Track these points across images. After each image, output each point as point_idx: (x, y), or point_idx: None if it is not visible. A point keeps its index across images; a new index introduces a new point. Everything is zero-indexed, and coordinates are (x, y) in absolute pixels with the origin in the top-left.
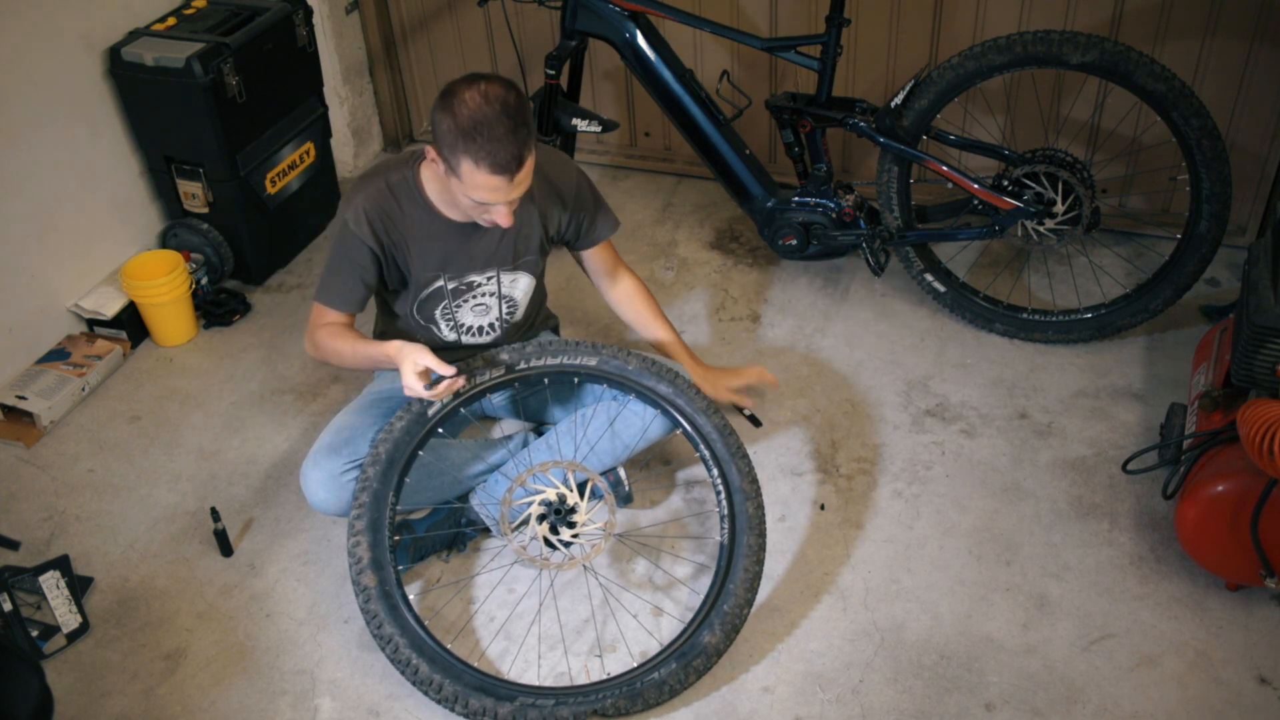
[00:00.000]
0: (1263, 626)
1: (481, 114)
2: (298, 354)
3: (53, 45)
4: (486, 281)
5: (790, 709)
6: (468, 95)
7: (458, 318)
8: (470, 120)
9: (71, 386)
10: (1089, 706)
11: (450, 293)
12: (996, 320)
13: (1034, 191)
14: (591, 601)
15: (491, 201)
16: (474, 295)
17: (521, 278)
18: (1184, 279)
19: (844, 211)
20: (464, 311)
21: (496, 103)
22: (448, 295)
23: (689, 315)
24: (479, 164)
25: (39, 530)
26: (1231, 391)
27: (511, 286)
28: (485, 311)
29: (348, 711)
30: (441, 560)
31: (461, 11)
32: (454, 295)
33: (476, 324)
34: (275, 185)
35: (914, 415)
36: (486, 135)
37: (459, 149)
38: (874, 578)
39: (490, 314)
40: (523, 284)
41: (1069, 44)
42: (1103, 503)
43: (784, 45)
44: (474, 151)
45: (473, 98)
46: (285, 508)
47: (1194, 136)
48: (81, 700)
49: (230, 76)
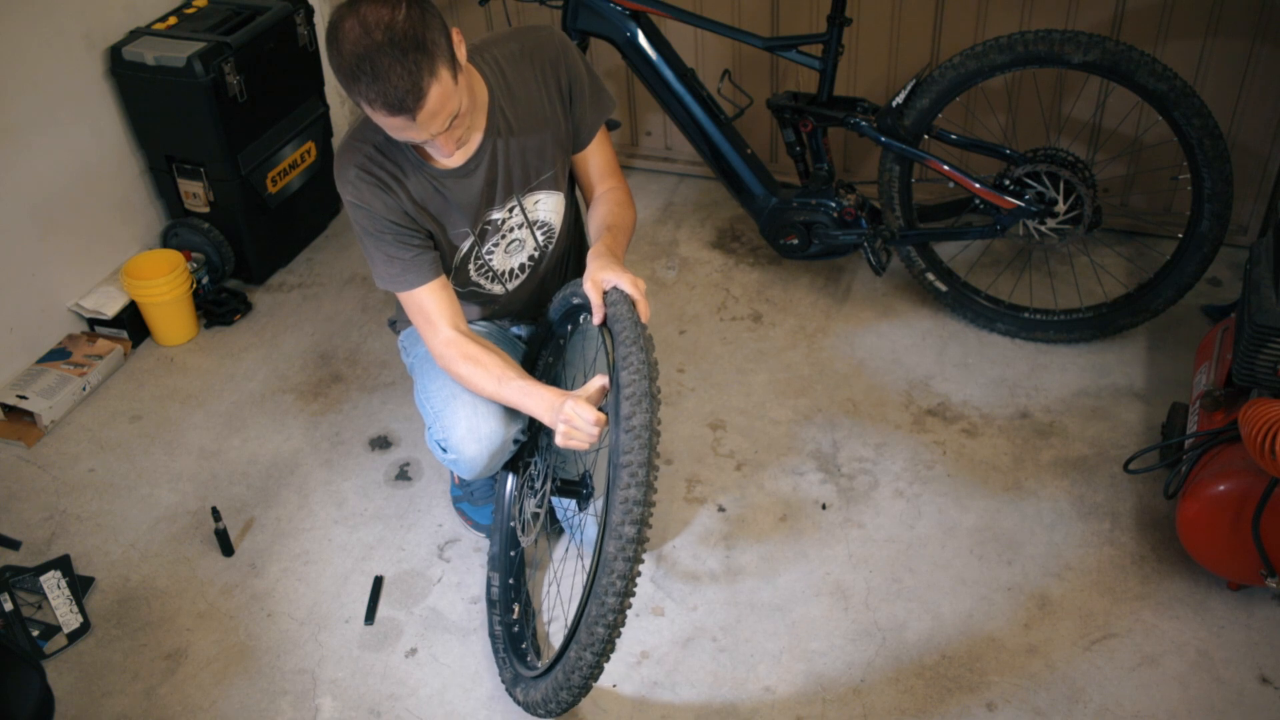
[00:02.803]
0: (1264, 626)
1: (362, 47)
2: (299, 353)
3: (53, 45)
4: (509, 215)
5: (791, 709)
6: (347, 26)
7: (492, 266)
8: (352, 56)
9: (72, 386)
10: (1090, 706)
11: (479, 238)
12: (998, 319)
13: (1035, 191)
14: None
15: (413, 140)
16: (502, 235)
17: (545, 197)
18: (1185, 278)
19: (845, 211)
20: (497, 256)
21: (379, 29)
22: (475, 246)
23: (690, 314)
24: (373, 106)
25: (40, 530)
26: (1233, 391)
27: (536, 209)
28: (520, 247)
29: (348, 711)
30: (443, 560)
31: (462, 11)
32: (482, 241)
33: (515, 265)
34: (276, 185)
35: (915, 415)
36: (370, 73)
37: (350, 91)
38: (875, 577)
39: (526, 248)
40: (548, 203)
41: (1070, 43)
42: (1104, 502)
43: (785, 44)
44: (363, 93)
45: (352, 29)
46: (286, 507)
47: (1195, 136)
48: (82, 700)
49: (231, 76)
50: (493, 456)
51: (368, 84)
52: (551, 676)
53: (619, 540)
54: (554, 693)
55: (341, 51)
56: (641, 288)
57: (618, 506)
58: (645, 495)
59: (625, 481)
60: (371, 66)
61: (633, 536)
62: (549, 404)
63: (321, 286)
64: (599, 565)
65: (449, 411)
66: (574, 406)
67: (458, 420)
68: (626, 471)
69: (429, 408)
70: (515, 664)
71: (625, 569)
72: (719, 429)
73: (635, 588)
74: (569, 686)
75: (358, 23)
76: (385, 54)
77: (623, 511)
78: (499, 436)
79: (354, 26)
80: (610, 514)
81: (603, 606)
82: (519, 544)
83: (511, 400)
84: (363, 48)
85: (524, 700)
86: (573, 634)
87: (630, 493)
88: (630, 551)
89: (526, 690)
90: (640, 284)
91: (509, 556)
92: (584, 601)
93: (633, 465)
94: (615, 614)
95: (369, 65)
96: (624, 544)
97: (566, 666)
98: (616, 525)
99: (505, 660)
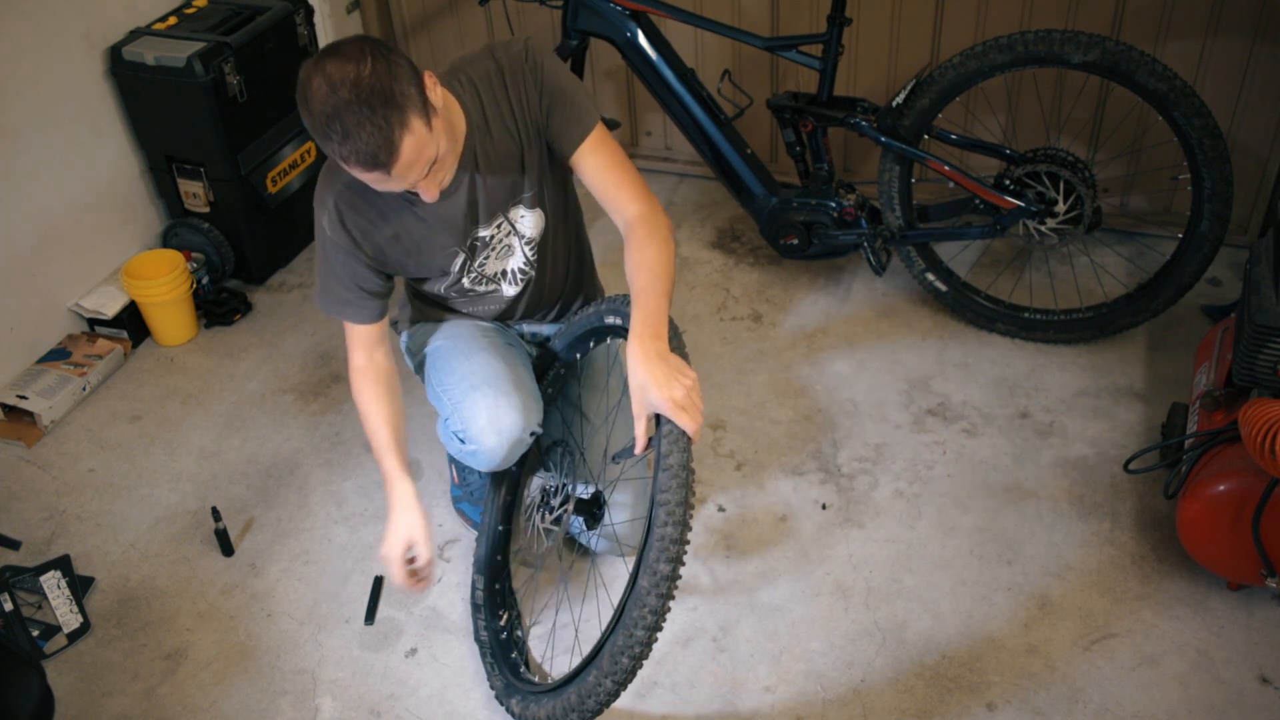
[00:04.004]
0: (1264, 626)
1: (330, 106)
2: (299, 353)
3: (53, 45)
4: (498, 230)
5: (792, 709)
6: (314, 86)
7: (486, 273)
8: (321, 115)
9: (72, 386)
10: (1090, 706)
11: (469, 255)
12: (998, 320)
13: (1035, 191)
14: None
15: (393, 190)
16: (492, 248)
17: (527, 213)
18: (1185, 278)
19: (845, 211)
20: (490, 264)
21: (345, 86)
22: (467, 261)
23: (690, 315)
24: (347, 163)
25: (40, 530)
26: (1233, 391)
27: (521, 223)
28: (509, 252)
29: (348, 711)
30: (444, 560)
31: (463, 10)
32: (473, 257)
33: (505, 269)
34: (276, 185)
35: (915, 415)
36: (341, 131)
37: (324, 148)
38: (875, 577)
39: (515, 255)
40: (530, 219)
41: (1070, 43)
42: (1104, 502)
43: (785, 44)
44: (335, 150)
45: (319, 88)
46: (286, 507)
47: (1195, 136)
48: (82, 700)
49: (231, 76)
50: (512, 448)
51: (339, 142)
52: (563, 696)
53: (653, 576)
54: (563, 713)
55: (311, 111)
56: (689, 398)
57: (655, 544)
58: (681, 534)
59: (662, 519)
60: (341, 125)
61: (667, 574)
62: (397, 502)
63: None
64: (630, 598)
65: (469, 403)
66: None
67: (478, 412)
68: (664, 510)
69: (447, 400)
70: (506, 673)
71: (657, 604)
72: (719, 429)
73: (664, 622)
74: (581, 710)
75: (324, 81)
76: (353, 111)
77: (659, 549)
78: (519, 428)
79: (320, 85)
80: (647, 551)
81: (630, 638)
82: (507, 549)
83: (378, 459)
84: (330, 106)
85: (521, 713)
86: (593, 658)
87: (667, 531)
88: (664, 589)
89: (526, 704)
90: (687, 397)
91: (495, 560)
92: (610, 629)
93: (670, 504)
94: (643, 646)
95: (338, 124)
96: (658, 580)
97: (583, 690)
98: (653, 562)
99: (494, 667)
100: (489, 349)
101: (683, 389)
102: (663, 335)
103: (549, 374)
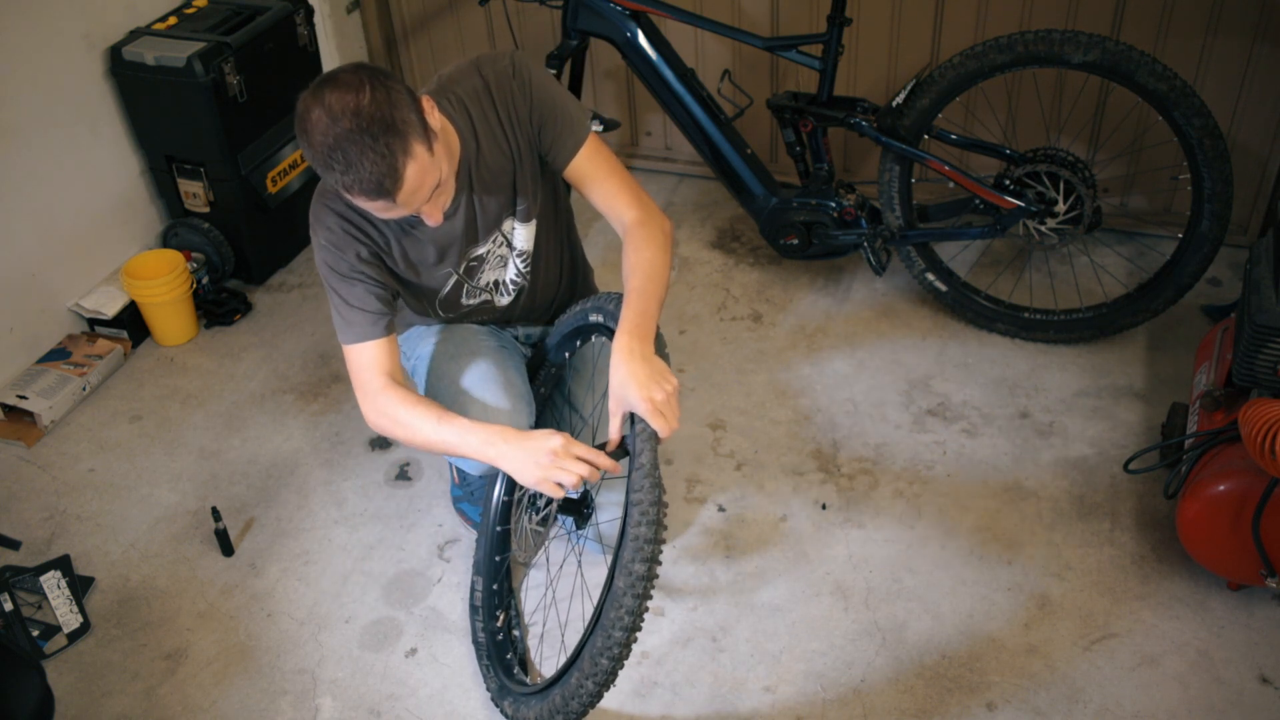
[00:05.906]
0: (1264, 626)
1: (331, 137)
2: (299, 353)
3: (53, 45)
4: (494, 245)
5: (791, 709)
6: (314, 117)
7: (479, 285)
8: (322, 147)
9: (72, 386)
10: (1090, 706)
11: (465, 274)
12: (998, 320)
13: (1035, 191)
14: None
15: (397, 217)
16: (486, 262)
17: (520, 227)
18: (1185, 278)
19: (845, 211)
20: (484, 275)
21: (345, 117)
22: (462, 278)
23: (690, 315)
24: (350, 192)
25: (40, 530)
26: (1233, 391)
27: (513, 236)
28: (503, 263)
29: (348, 711)
30: (444, 560)
31: (462, 11)
32: (468, 275)
33: (497, 280)
34: (276, 185)
35: (915, 415)
36: (343, 162)
37: (327, 179)
38: (875, 577)
39: (508, 267)
40: (522, 232)
41: (1070, 43)
42: (1104, 502)
43: (785, 44)
44: (339, 180)
45: (319, 119)
46: (286, 507)
47: (1195, 136)
48: (82, 700)
49: (231, 76)
50: None
51: (341, 172)
52: (548, 698)
53: (629, 577)
54: (549, 715)
55: (311, 143)
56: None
57: (629, 545)
58: (655, 534)
59: (636, 519)
60: (343, 155)
61: (643, 574)
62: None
63: (321, 286)
64: (608, 598)
65: (458, 407)
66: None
67: (468, 415)
68: (638, 510)
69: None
70: (500, 675)
71: (634, 605)
72: (719, 429)
73: (642, 622)
74: (566, 712)
75: (324, 112)
76: (355, 141)
77: (634, 549)
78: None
79: (320, 116)
80: (622, 551)
81: (609, 639)
82: (505, 550)
83: (450, 441)
84: (332, 137)
85: (514, 715)
86: (575, 660)
87: (641, 530)
88: (640, 589)
89: (517, 706)
90: (666, 401)
91: (494, 561)
92: (590, 630)
93: (643, 504)
94: (621, 647)
95: (340, 155)
96: (634, 580)
97: (566, 692)
98: (627, 562)
99: (489, 670)
100: (480, 352)
101: (663, 393)
102: (650, 338)
103: (541, 374)
